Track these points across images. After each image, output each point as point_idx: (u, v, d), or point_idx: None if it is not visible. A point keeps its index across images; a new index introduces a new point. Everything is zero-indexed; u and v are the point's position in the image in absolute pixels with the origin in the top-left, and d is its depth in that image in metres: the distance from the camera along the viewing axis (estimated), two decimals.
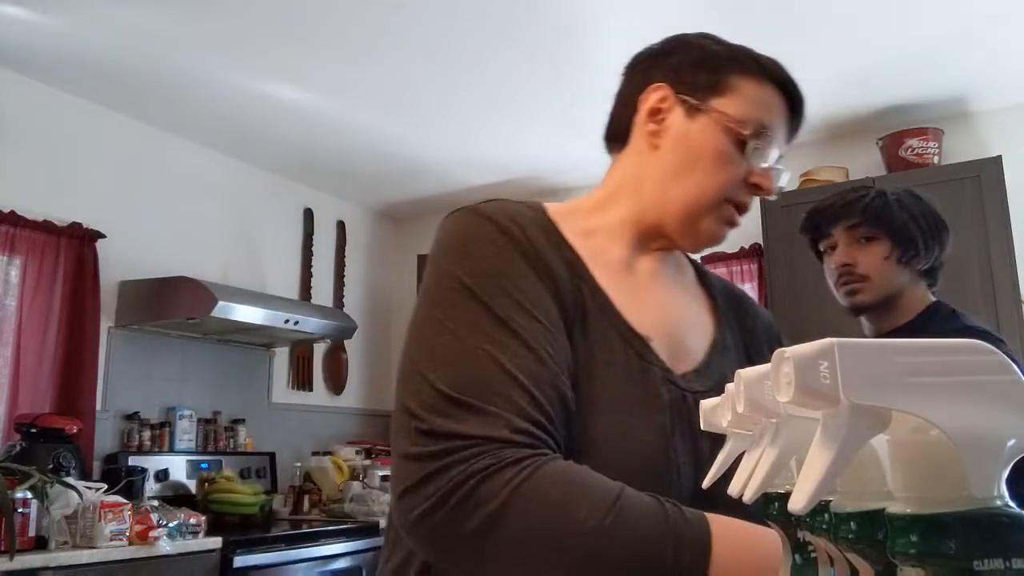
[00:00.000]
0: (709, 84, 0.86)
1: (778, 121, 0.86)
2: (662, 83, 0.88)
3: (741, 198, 0.87)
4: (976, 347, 0.35)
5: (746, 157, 0.84)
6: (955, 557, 0.31)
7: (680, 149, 0.86)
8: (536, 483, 0.64)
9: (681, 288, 0.93)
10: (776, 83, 0.87)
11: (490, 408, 0.67)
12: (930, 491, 0.34)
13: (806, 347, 0.35)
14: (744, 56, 0.87)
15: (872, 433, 0.35)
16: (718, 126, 0.84)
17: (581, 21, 2.89)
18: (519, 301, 0.74)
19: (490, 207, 0.81)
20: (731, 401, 0.47)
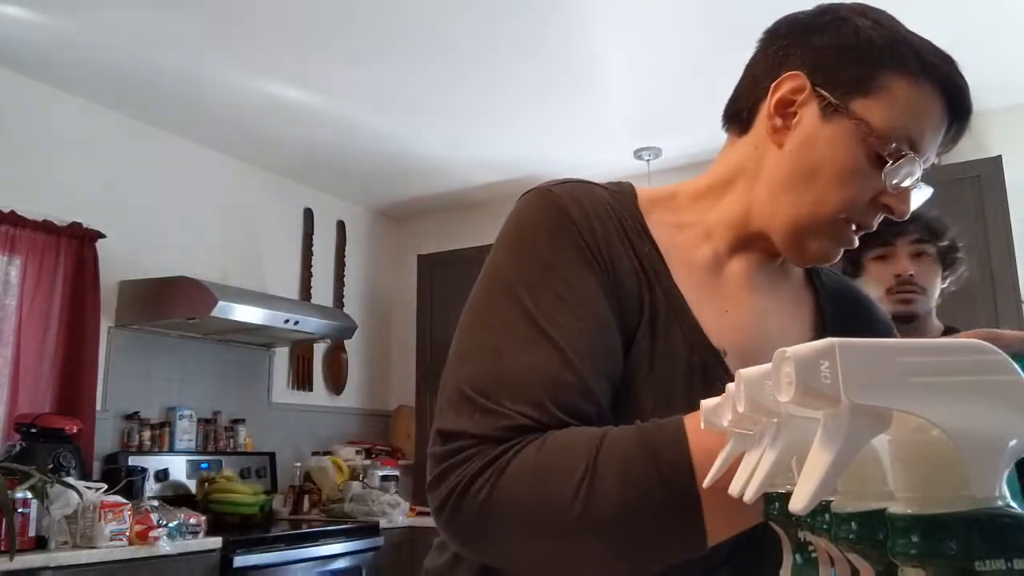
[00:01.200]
0: (855, 80, 0.72)
1: (931, 132, 0.73)
2: (799, 70, 0.75)
3: (865, 219, 0.75)
4: (977, 347, 0.35)
5: (882, 175, 0.72)
6: (956, 557, 0.31)
7: (804, 153, 0.74)
8: (519, 460, 0.63)
9: (777, 296, 0.83)
10: (940, 86, 0.73)
11: (497, 408, 0.66)
12: (931, 491, 0.34)
13: (807, 347, 0.35)
14: (905, 49, 0.73)
15: (873, 433, 0.34)
16: (855, 135, 0.72)
17: (582, 21, 2.89)
18: (563, 297, 0.69)
19: (562, 190, 0.75)
20: (731, 401, 0.47)
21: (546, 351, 0.67)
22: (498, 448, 0.64)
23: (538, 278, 0.70)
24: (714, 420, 0.54)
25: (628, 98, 3.54)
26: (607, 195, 0.77)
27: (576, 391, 0.67)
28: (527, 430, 0.65)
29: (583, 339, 0.69)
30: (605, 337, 0.70)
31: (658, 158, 4.14)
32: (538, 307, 0.69)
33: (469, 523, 0.64)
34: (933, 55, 0.74)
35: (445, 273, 4.45)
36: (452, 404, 0.68)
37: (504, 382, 0.67)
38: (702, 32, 2.97)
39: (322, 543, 3.31)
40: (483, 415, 0.66)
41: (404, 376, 4.76)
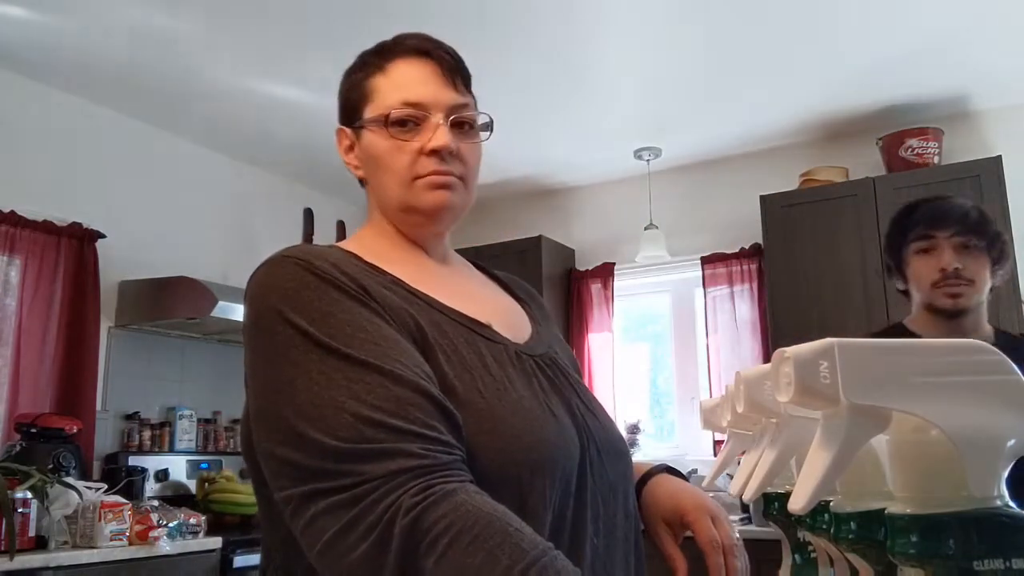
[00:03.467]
0: (356, 103, 0.96)
1: (419, 84, 0.92)
2: (339, 125, 1.00)
3: (427, 168, 0.91)
4: (976, 347, 0.35)
5: (406, 138, 0.91)
6: (955, 557, 0.31)
7: (369, 163, 0.95)
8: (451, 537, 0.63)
9: (479, 281, 1.03)
10: (402, 56, 0.94)
11: (378, 447, 0.67)
12: (930, 491, 0.34)
13: (806, 347, 0.35)
14: (369, 56, 0.96)
15: (872, 433, 0.34)
16: (374, 132, 0.93)
17: (582, 21, 2.88)
18: (352, 334, 0.74)
19: (296, 251, 0.83)
20: (731, 401, 0.47)
21: (375, 378, 0.71)
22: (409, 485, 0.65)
23: (322, 328, 0.74)
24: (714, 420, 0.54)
25: (628, 98, 3.54)
26: (327, 249, 0.88)
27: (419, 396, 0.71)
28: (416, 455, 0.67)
29: (393, 355, 0.74)
30: (408, 347, 0.77)
31: (658, 158, 4.14)
32: (343, 347, 0.73)
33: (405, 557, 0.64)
34: (391, 43, 0.96)
35: None
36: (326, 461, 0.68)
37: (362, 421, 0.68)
38: (702, 32, 2.97)
39: None
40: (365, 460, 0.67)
41: None
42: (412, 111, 0.91)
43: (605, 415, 0.91)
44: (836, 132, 3.88)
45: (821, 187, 3.60)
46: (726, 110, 3.66)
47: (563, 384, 0.88)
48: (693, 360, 4.23)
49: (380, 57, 0.95)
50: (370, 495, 0.65)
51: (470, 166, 0.96)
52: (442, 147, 0.90)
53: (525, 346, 0.90)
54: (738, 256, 4.02)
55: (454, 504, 0.64)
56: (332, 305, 0.77)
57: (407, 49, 0.94)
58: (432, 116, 0.91)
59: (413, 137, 0.91)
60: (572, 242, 4.50)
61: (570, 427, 0.82)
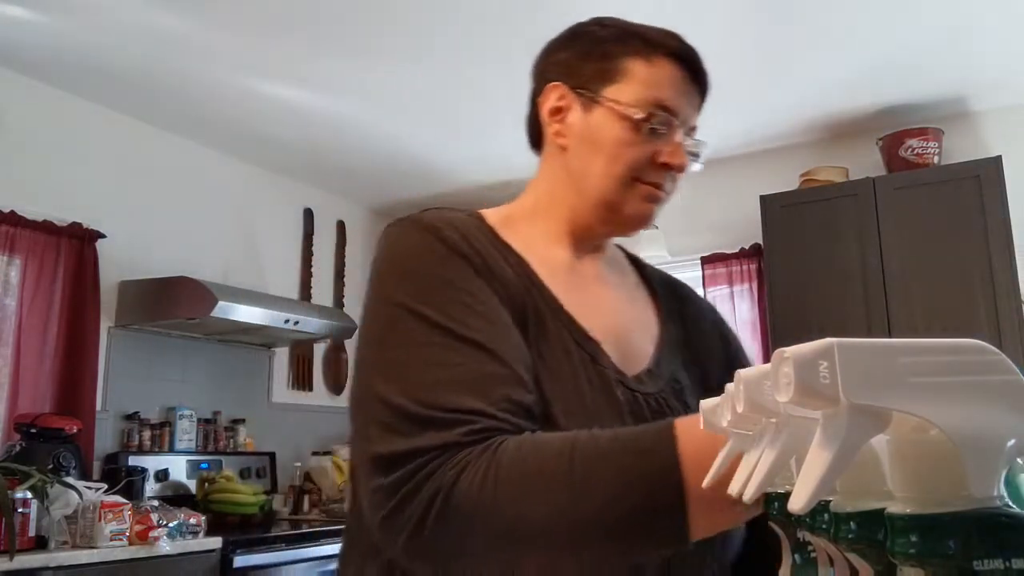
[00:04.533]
0: (600, 73, 0.86)
1: (677, 92, 0.86)
2: (557, 81, 0.89)
3: (654, 178, 0.86)
4: (977, 347, 0.35)
5: (646, 140, 0.84)
6: (955, 557, 0.31)
7: (584, 143, 0.86)
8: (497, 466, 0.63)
9: (624, 288, 0.94)
10: (669, 56, 0.86)
11: (444, 416, 0.66)
12: (930, 491, 0.34)
13: (806, 347, 0.35)
14: (631, 36, 0.87)
15: (872, 433, 0.35)
16: (614, 114, 0.84)
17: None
18: (469, 305, 0.73)
19: (430, 216, 0.81)
20: (731, 401, 0.47)
21: (472, 353, 0.70)
22: (463, 453, 0.64)
23: (440, 295, 0.74)
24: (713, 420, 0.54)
25: None
26: (463, 216, 0.84)
27: (511, 382, 0.70)
28: (486, 430, 0.66)
29: (498, 336, 0.73)
30: (516, 335, 0.75)
31: None
32: (450, 319, 0.72)
33: (456, 531, 0.64)
34: (657, 35, 0.87)
35: None
36: (392, 427, 0.67)
37: (444, 391, 0.68)
38: (702, 33, 2.96)
39: (322, 543, 3.31)
40: (433, 427, 0.66)
41: None
42: (666, 117, 0.85)
43: None
44: (836, 132, 3.88)
45: (821, 187, 3.60)
46: (726, 110, 3.66)
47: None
48: None
49: (646, 43, 0.86)
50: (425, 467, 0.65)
51: (676, 188, 0.90)
52: (680, 166, 0.86)
53: (634, 378, 0.82)
54: (738, 256, 4.02)
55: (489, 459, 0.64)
56: (452, 276, 0.75)
57: (676, 51, 0.87)
58: (677, 131, 0.86)
59: (653, 142, 0.85)
60: None
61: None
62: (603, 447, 0.63)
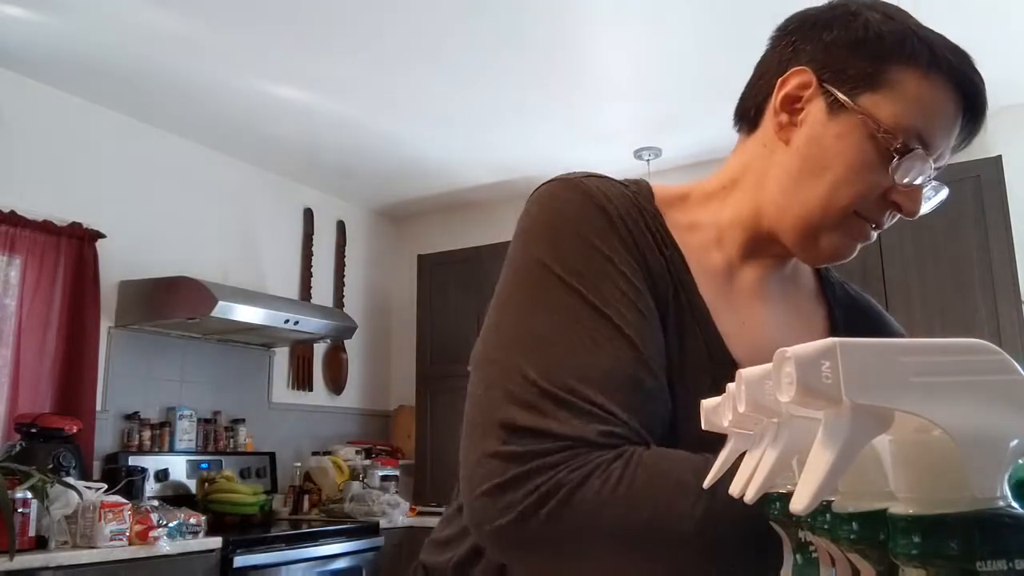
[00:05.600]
0: (863, 75, 0.70)
1: (943, 129, 0.72)
2: (807, 66, 0.73)
3: (875, 216, 0.73)
4: (979, 347, 0.35)
5: (890, 171, 0.70)
6: (957, 558, 0.31)
7: (813, 150, 0.72)
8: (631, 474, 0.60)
9: (790, 304, 0.82)
10: (953, 81, 0.71)
11: (583, 405, 0.62)
12: (932, 492, 0.34)
13: (808, 346, 0.35)
14: (916, 43, 0.71)
15: (874, 433, 0.34)
16: (863, 131, 0.70)
17: (582, 21, 2.88)
18: (624, 290, 0.67)
19: (593, 183, 0.73)
20: (732, 401, 0.47)
21: (623, 349, 0.64)
22: (594, 455, 0.61)
23: (596, 268, 0.67)
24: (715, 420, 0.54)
25: (628, 98, 3.54)
26: (633, 196, 0.75)
27: (654, 392, 0.65)
28: (620, 436, 0.62)
29: (649, 336, 0.66)
30: (660, 332, 0.68)
31: (658, 158, 4.14)
32: (603, 299, 0.66)
33: (564, 531, 0.60)
34: (946, 49, 0.72)
35: (445, 273, 4.45)
36: (523, 399, 0.63)
37: (588, 380, 0.63)
38: (703, 32, 2.97)
39: (322, 543, 3.31)
40: (573, 414, 0.61)
41: (404, 376, 4.76)
42: (920, 153, 0.70)
43: None
44: None
45: None
46: (726, 110, 3.63)
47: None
48: None
49: (930, 53, 0.70)
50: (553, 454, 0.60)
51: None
52: (912, 213, 0.74)
53: None
54: None
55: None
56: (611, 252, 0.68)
57: (960, 75, 0.71)
58: (928, 169, 0.72)
59: (890, 172, 0.70)
60: None
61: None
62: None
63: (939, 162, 0.74)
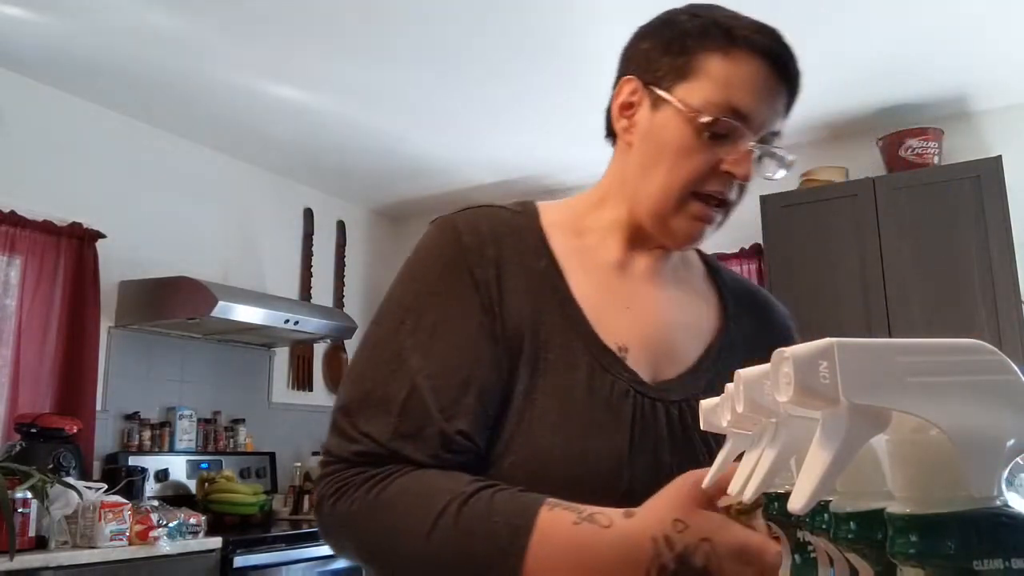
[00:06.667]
0: (675, 69, 0.80)
1: (756, 96, 0.79)
2: (632, 74, 0.84)
3: (717, 188, 0.80)
4: (976, 347, 0.35)
5: (710, 146, 0.78)
6: (955, 557, 0.31)
7: (648, 144, 0.82)
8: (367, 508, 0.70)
9: (682, 289, 0.90)
10: (753, 52, 0.79)
11: (349, 430, 0.74)
12: (930, 491, 0.34)
13: (805, 347, 0.35)
14: (715, 30, 0.79)
15: (872, 433, 0.35)
16: (680, 117, 0.79)
17: (582, 21, 2.89)
18: (436, 323, 0.76)
19: (462, 216, 0.83)
20: (731, 401, 0.47)
21: (401, 379, 0.74)
22: (350, 473, 0.72)
23: (421, 303, 0.77)
24: (713, 420, 0.54)
25: None
26: (510, 215, 0.84)
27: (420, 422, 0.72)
28: (372, 455, 0.72)
29: (447, 367, 0.74)
30: (472, 367, 0.75)
31: None
32: (412, 331, 0.76)
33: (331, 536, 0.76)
34: (747, 29, 0.79)
35: None
36: (331, 420, 0.78)
37: (363, 407, 0.74)
38: None
39: (321, 543, 3.30)
40: (342, 438, 0.75)
41: None
42: (733, 122, 0.78)
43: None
44: (836, 132, 3.88)
45: (821, 187, 3.60)
46: None
47: (681, 445, 0.77)
48: None
49: (727, 34, 0.79)
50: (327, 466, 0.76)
51: (741, 199, 0.85)
52: (744, 176, 0.80)
53: (658, 384, 0.79)
54: (738, 256, 4.02)
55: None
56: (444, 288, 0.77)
57: (761, 47, 0.79)
58: (747, 136, 0.79)
59: (717, 149, 0.79)
60: None
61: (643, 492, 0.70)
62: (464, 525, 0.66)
63: (771, 125, 0.82)
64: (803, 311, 3.51)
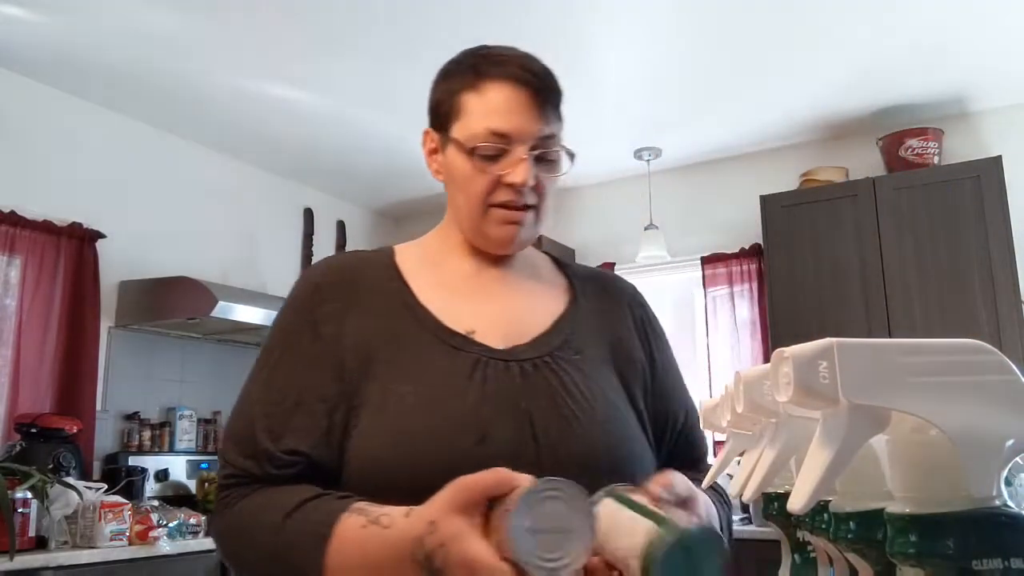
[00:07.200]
0: (447, 114, 0.96)
1: (511, 114, 0.92)
2: (429, 127, 1.01)
3: (508, 198, 0.93)
4: (975, 347, 0.35)
5: (486, 167, 0.92)
6: (954, 557, 0.31)
7: (449, 178, 0.98)
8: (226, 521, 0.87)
9: (531, 281, 1.03)
10: (497, 81, 0.93)
11: (222, 457, 0.90)
12: (929, 491, 0.34)
13: (805, 347, 0.35)
14: (468, 71, 0.95)
15: (871, 433, 0.35)
16: (458, 151, 0.94)
17: (582, 21, 2.89)
18: (279, 358, 0.92)
19: (326, 261, 1.00)
20: (730, 401, 0.47)
21: (246, 410, 0.91)
22: (223, 494, 0.88)
23: (271, 344, 0.94)
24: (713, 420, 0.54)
25: (628, 98, 3.54)
26: (369, 255, 1.01)
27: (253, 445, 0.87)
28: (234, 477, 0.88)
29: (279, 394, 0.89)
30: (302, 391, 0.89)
31: (658, 158, 4.14)
32: (260, 368, 0.92)
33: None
34: (491, 63, 0.94)
35: None
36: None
37: (229, 439, 0.92)
38: (702, 32, 2.97)
39: None
40: (222, 463, 0.90)
41: None
42: (497, 142, 0.92)
43: (593, 425, 0.87)
44: (836, 132, 3.88)
45: (821, 187, 3.60)
46: (726, 110, 3.66)
47: (538, 391, 0.88)
48: (693, 360, 4.22)
49: (475, 73, 0.95)
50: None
51: (546, 197, 0.97)
52: (522, 183, 0.92)
53: (509, 350, 0.91)
54: (738, 256, 4.02)
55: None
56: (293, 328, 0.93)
57: (502, 75, 0.93)
58: (517, 148, 0.92)
59: (495, 165, 0.92)
60: (572, 242, 4.50)
61: (507, 441, 0.83)
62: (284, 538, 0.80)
63: (540, 132, 0.93)
64: (803, 311, 3.52)
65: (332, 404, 0.88)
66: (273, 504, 0.82)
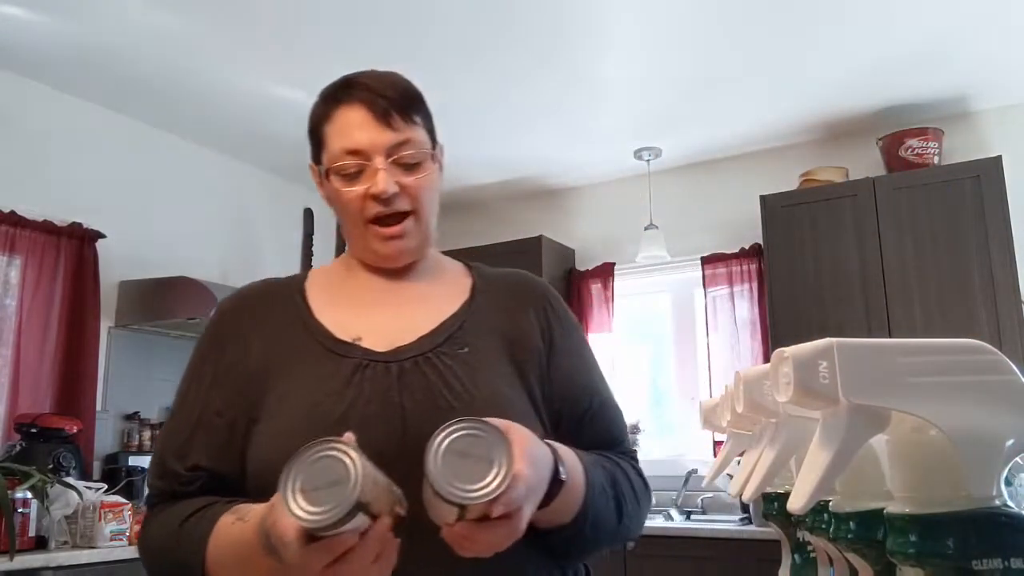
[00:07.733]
0: (316, 146, 1.05)
1: (360, 132, 0.99)
2: (311, 162, 1.08)
3: (374, 211, 1.00)
4: (976, 347, 0.35)
5: (350, 185, 0.99)
6: (953, 557, 0.31)
7: (331, 204, 1.06)
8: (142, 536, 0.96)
9: (431, 287, 1.08)
10: (341, 105, 1.01)
11: (148, 480, 1.00)
12: (929, 491, 0.34)
13: (805, 347, 0.35)
14: (320, 104, 1.04)
15: (871, 433, 0.35)
16: (329, 179, 1.02)
17: (582, 22, 2.88)
18: (188, 384, 0.99)
19: (238, 291, 1.07)
20: (731, 401, 0.47)
21: (160, 437, 1.00)
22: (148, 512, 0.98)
23: (185, 373, 1.02)
24: (713, 420, 0.54)
25: (628, 98, 3.54)
26: (282, 280, 1.09)
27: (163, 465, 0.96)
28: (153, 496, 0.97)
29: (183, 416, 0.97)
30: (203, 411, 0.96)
31: (658, 158, 4.14)
32: (181, 394, 1.00)
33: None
34: (336, 89, 1.04)
35: None
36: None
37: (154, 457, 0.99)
38: (703, 32, 2.97)
39: None
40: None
41: None
42: (353, 160, 0.98)
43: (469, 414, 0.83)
44: (836, 132, 3.88)
45: (821, 187, 3.60)
46: (726, 110, 3.66)
47: (414, 386, 0.93)
48: (693, 360, 4.23)
49: (326, 103, 1.03)
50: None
51: (421, 199, 1.01)
52: (381, 191, 0.97)
53: (393, 352, 0.96)
54: (738, 256, 4.02)
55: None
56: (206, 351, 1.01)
57: (345, 96, 1.02)
58: (373, 160, 0.98)
59: (359, 182, 0.99)
60: (572, 242, 4.50)
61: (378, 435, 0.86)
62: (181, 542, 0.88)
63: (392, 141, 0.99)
64: (803, 311, 3.52)
65: (231, 418, 0.95)
66: (173, 516, 0.91)
